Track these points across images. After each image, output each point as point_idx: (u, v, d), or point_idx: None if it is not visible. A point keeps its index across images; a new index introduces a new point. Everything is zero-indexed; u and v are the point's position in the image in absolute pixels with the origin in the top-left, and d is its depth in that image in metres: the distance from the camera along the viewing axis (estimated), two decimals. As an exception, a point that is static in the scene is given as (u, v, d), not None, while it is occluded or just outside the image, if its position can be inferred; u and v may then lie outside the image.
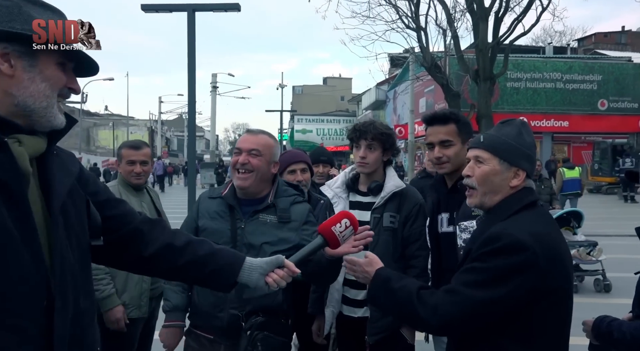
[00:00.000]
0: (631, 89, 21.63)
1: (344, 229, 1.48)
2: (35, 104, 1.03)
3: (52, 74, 1.05)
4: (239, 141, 2.00)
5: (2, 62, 1.00)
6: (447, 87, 12.32)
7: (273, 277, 1.36)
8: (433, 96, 21.88)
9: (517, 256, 1.30)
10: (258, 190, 1.93)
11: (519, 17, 11.81)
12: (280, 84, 34.68)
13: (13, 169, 0.97)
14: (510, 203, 1.43)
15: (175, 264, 1.33)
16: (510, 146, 1.45)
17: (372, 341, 2.12)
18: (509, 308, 1.32)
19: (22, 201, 0.98)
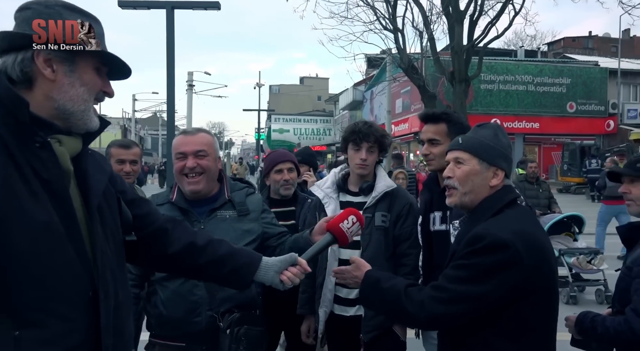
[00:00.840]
0: (598, 93, 22.43)
1: (351, 225, 1.55)
2: (74, 107, 1.07)
3: (90, 79, 1.10)
4: (179, 144, 1.89)
5: (45, 67, 1.04)
6: (424, 89, 12.51)
7: (287, 275, 1.43)
8: (409, 96, 22.16)
9: (501, 254, 1.34)
10: (209, 190, 1.91)
11: (493, 21, 12.10)
12: (258, 83, 34.48)
13: (56, 167, 1.02)
14: (491, 202, 1.48)
15: (197, 263, 1.39)
16: (488, 146, 1.51)
17: (366, 339, 2.15)
18: (494, 304, 1.36)
19: (65, 199, 1.03)
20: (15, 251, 0.93)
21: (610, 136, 22.10)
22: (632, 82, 23.84)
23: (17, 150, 0.97)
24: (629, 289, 1.61)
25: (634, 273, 1.61)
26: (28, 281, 0.95)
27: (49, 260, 0.97)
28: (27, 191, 0.96)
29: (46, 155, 1.01)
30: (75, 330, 1.00)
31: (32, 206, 0.96)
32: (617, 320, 1.60)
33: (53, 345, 0.96)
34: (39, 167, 1.00)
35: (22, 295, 0.94)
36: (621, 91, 22.55)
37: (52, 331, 0.96)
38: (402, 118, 23.33)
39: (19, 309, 0.94)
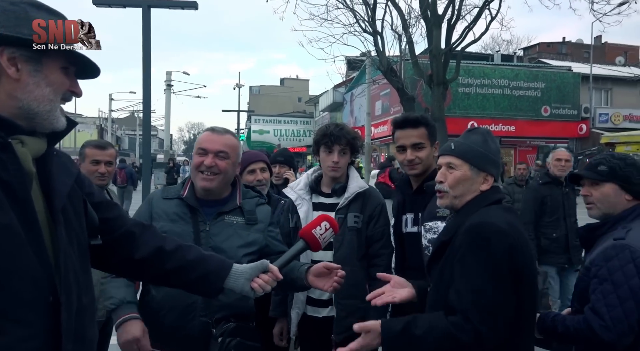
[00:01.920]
0: (571, 97, 23.02)
1: (324, 231, 1.56)
2: (39, 107, 1.05)
3: (56, 79, 1.07)
4: (204, 140, 1.86)
5: (9, 66, 1.01)
6: (403, 91, 12.64)
7: (258, 282, 1.42)
8: (389, 99, 22.34)
9: (504, 242, 1.39)
10: (221, 191, 1.88)
11: (470, 25, 12.30)
12: (238, 84, 34.28)
13: (16, 169, 0.99)
14: (479, 200, 1.54)
15: (165, 268, 1.36)
16: (479, 152, 1.57)
17: (338, 339, 2.16)
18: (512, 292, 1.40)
19: (26, 201, 1.00)
20: None
21: (583, 139, 22.71)
22: (603, 88, 24.56)
23: None
24: (587, 288, 1.64)
25: (591, 273, 1.64)
26: None
27: (7, 264, 0.94)
28: None
29: (6, 156, 0.98)
30: (34, 335, 0.98)
31: None
32: (577, 319, 1.63)
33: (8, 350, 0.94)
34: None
35: None
36: (593, 95, 23.20)
37: (10, 338, 0.94)
38: (381, 120, 23.50)
39: None
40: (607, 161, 1.78)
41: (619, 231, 1.67)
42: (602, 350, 1.58)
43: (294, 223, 2.32)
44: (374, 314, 2.18)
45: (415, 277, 2.05)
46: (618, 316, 1.52)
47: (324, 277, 1.67)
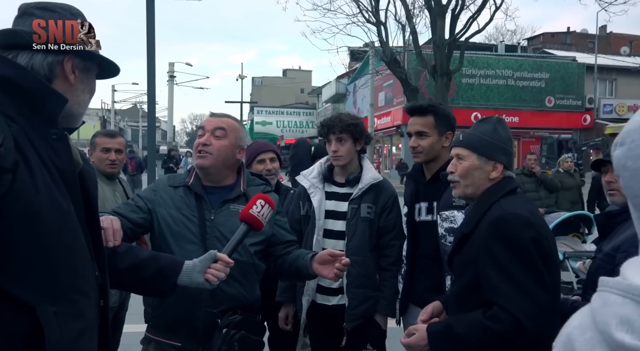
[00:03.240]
0: (575, 87, 22.90)
1: (260, 209, 1.55)
2: (78, 110, 1.17)
3: (93, 87, 1.20)
4: (203, 121, 1.87)
5: (71, 72, 1.13)
6: (406, 82, 12.61)
7: (211, 272, 1.44)
8: (392, 90, 22.27)
9: (531, 231, 1.41)
10: (221, 176, 1.82)
11: (474, 16, 12.24)
12: (240, 75, 34.21)
13: (70, 159, 1.10)
14: (494, 191, 1.57)
15: (118, 268, 1.40)
16: (487, 141, 1.60)
17: (349, 327, 2.19)
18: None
19: (76, 188, 1.11)
20: (49, 236, 1.01)
21: (587, 130, 22.62)
22: (608, 78, 24.41)
23: (37, 140, 1.03)
24: (609, 275, 1.64)
25: (617, 259, 1.61)
26: (61, 265, 1.04)
27: (72, 245, 1.07)
28: (53, 181, 1.03)
29: (62, 147, 1.08)
30: (92, 305, 1.12)
31: (57, 195, 1.03)
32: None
33: (81, 318, 1.07)
34: (55, 159, 1.06)
35: (57, 277, 1.03)
36: (597, 86, 23.07)
37: (79, 307, 1.07)
38: (384, 111, 23.45)
39: (54, 288, 1.03)
40: None
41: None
42: None
43: (305, 211, 2.34)
44: (383, 303, 2.22)
45: (427, 265, 2.09)
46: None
47: (328, 265, 1.66)
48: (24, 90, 1.04)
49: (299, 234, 2.35)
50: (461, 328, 1.42)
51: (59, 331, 0.99)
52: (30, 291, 0.98)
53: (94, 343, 1.12)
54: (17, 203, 0.94)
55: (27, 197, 0.96)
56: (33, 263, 0.99)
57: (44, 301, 0.99)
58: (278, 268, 1.83)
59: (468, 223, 1.59)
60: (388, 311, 2.22)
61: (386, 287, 2.22)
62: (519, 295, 1.35)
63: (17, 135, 0.99)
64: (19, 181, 0.94)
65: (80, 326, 1.06)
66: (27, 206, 0.95)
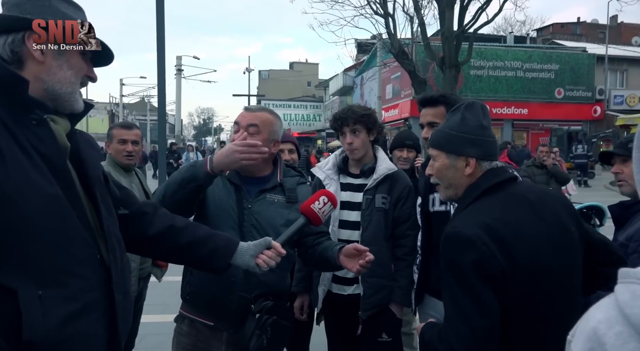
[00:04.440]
0: (585, 79, 22.62)
1: (322, 206, 1.58)
2: (62, 89, 1.13)
3: (76, 63, 1.15)
4: (238, 116, 1.88)
5: (35, 49, 1.08)
6: (414, 74, 12.51)
7: (263, 258, 1.45)
8: (400, 82, 22.14)
9: (472, 253, 1.26)
10: (257, 169, 1.86)
11: (483, 6, 12.07)
12: (247, 68, 34.14)
13: (54, 143, 1.08)
14: (469, 191, 1.43)
15: (177, 244, 1.41)
16: (451, 136, 1.45)
17: (365, 316, 2.22)
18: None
19: (65, 172, 1.10)
20: (30, 220, 1.00)
21: (597, 121, 22.38)
22: (618, 69, 24.08)
23: (15, 127, 1.02)
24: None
25: (630, 249, 1.64)
26: (46, 248, 1.03)
27: (60, 227, 1.05)
28: (32, 166, 1.02)
29: (43, 132, 1.07)
30: (91, 287, 1.10)
31: (40, 180, 1.02)
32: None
33: (75, 301, 1.06)
34: (37, 144, 1.05)
35: (42, 260, 1.02)
36: (608, 77, 22.78)
37: (72, 289, 1.06)
38: (392, 104, 23.34)
39: (39, 272, 1.02)
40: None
41: None
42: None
43: None
44: (398, 292, 2.25)
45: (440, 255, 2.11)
46: None
47: (353, 258, 1.70)
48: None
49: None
50: (427, 337, 1.44)
51: (41, 315, 0.98)
52: (11, 275, 0.97)
53: (95, 327, 1.10)
54: None
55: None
56: (11, 247, 0.98)
57: (28, 285, 0.98)
58: (309, 257, 1.88)
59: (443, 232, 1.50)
60: (403, 300, 2.25)
61: (401, 276, 2.25)
62: (458, 320, 1.29)
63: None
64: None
65: (72, 309, 1.04)
66: (0, 191, 0.96)
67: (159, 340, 3.68)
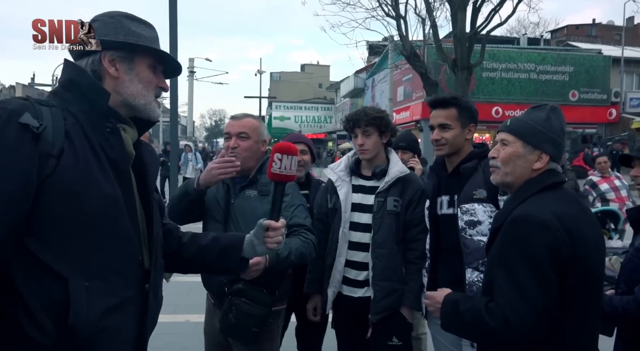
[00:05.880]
0: (600, 81, 22.31)
1: (279, 163, 1.44)
2: (135, 101, 1.26)
3: (145, 76, 1.28)
4: (227, 126, 2.19)
5: (109, 66, 1.23)
6: (426, 76, 12.45)
7: (268, 240, 1.44)
8: (411, 84, 22.06)
9: (546, 236, 1.32)
10: (249, 168, 2.11)
11: (496, 8, 11.98)
12: (259, 70, 34.34)
13: (122, 150, 1.21)
14: (532, 184, 1.48)
15: (183, 258, 1.48)
16: (536, 129, 1.50)
17: (375, 319, 2.21)
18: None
19: (127, 177, 1.22)
20: (89, 216, 1.10)
21: (612, 124, 22.05)
22: (635, 71, 23.70)
23: (91, 132, 1.15)
24: (637, 270, 1.63)
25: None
26: (98, 243, 1.12)
27: (113, 226, 1.15)
28: (99, 168, 1.14)
29: (114, 139, 1.19)
30: (129, 285, 1.19)
31: (103, 181, 1.13)
32: (625, 299, 1.61)
33: (114, 296, 1.15)
34: (108, 149, 1.17)
35: (93, 254, 1.12)
36: (624, 79, 22.44)
37: (113, 285, 1.15)
38: (403, 106, 23.26)
39: (89, 265, 1.11)
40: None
41: None
42: None
43: (332, 204, 2.36)
44: (409, 296, 2.23)
45: (449, 258, 2.08)
46: None
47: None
48: (82, 89, 1.19)
49: (326, 227, 2.37)
50: (464, 307, 1.45)
51: (86, 304, 1.08)
52: (66, 264, 1.07)
53: (128, 322, 1.18)
54: (59, 183, 1.07)
55: (68, 179, 1.08)
56: (70, 238, 1.08)
57: (78, 275, 1.08)
58: None
59: (497, 219, 1.55)
60: (414, 304, 2.23)
61: (412, 280, 2.23)
62: (517, 297, 1.32)
63: (71, 128, 1.13)
64: (63, 165, 1.08)
65: (110, 303, 1.13)
66: (68, 186, 1.08)
67: (169, 339, 3.70)
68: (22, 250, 1.05)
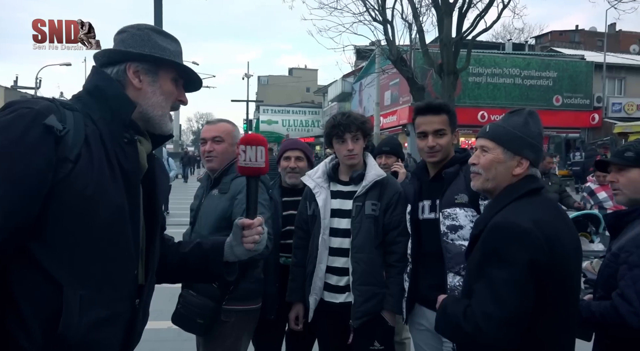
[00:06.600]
0: (583, 86, 22.69)
1: (244, 155, 1.34)
2: (154, 112, 1.27)
3: (168, 89, 1.29)
4: (202, 131, 2.33)
5: (134, 77, 1.24)
6: (412, 81, 12.55)
7: (246, 240, 1.39)
8: (398, 89, 22.20)
9: (525, 243, 1.33)
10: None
11: (482, 14, 12.12)
12: (247, 74, 34.22)
13: (136, 162, 1.21)
14: (512, 190, 1.49)
15: (167, 269, 1.43)
16: (515, 135, 1.51)
17: (356, 324, 2.19)
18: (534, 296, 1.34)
19: (137, 189, 1.21)
20: (96, 224, 1.09)
21: (595, 129, 22.42)
22: (617, 76, 24.16)
23: (109, 142, 1.16)
24: (614, 275, 1.64)
25: (620, 259, 1.63)
26: (99, 252, 1.11)
27: (115, 237, 1.14)
28: (112, 177, 1.13)
29: (130, 150, 1.20)
30: (120, 299, 1.17)
31: (113, 190, 1.13)
32: (603, 304, 1.63)
33: (105, 308, 1.13)
34: (122, 159, 1.17)
35: (91, 264, 1.10)
36: (606, 84, 22.85)
37: (106, 297, 1.13)
38: (390, 110, 23.38)
39: (86, 274, 1.10)
40: (634, 147, 1.79)
41: None
42: (628, 336, 1.58)
43: (311, 211, 2.35)
44: (390, 300, 2.23)
45: (431, 263, 2.09)
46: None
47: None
48: (108, 97, 1.20)
49: (306, 234, 2.36)
50: (450, 310, 1.49)
51: (78, 314, 1.06)
52: (64, 271, 1.06)
53: (115, 336, 1.16)
54: (71, 187, 1.07)
55: (82, 184, 1.08)
56: (73, 245, 1.07)
57: (74, 284, 1.07)
58: None
59: (477, 225, 1.55)
60: (395, 307, 2.22)
61: (393, 284, 2.22)
62: (492, 303, 1.33)
63: (90, 134, 1.13)
64: (78, 170, 1.08)
65: (101, 315, 1.11)
66: (80, 191, 1.07)
67: (151, 347, 3.64)
68: (24, 252, 1.04)
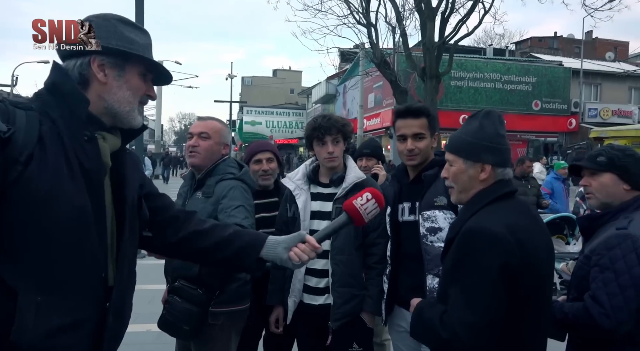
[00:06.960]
0: (561, 92, 23.21)
1: (365, 202, 1.45)
2: (120, 107, 1.22)
3: (135, 84, 1.25)
4: (192, 126, 2.27)
5: (98, 71, 1.19)
6: (396, 84, 12.64)
7: (296, 251, 1.40)
8: (382, 91, 22.35)
9: (497, 248, 1.35)
10: (205, 168, 2.23)
11: (464, 19, 12.30)
12: (230, 75, 33.99)
13: (97, 160, 1.16)
14: (483, 196, 1.51)
15: (202, 247, 1.42)
16: (469, 143, 1.53)
17: (335, 326, 2.19)
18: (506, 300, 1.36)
19: (99, 189, 1.16)
20: (54, 228, 1.05)
21: (572, 133, 22.94)
22: (593, 82, 24.78)
23: (68, 140, 1.11)
24: (586, 277, 1.67)
25: (592, 261, 1.66)
26: (58, 258, 1.06)
27: (77, 240, 1.09)
28: (70, 177, 1.08)
29: (91, 148, 1.15)
30: (86, 305, 1.12)
31: (72, 190, 1.08)
32: (575, 306, 1.66)
33: (67, 315, 1.08)
34: (83, 158, 1.12)
35: (50, 268, 1.05)
36: (583, 90, 23.42)
37: (68, 303, 1.08)
38: (374, 113, 23.52)
39: (44, 279, 1.04)
40: (607, 152, 1.81)
41: (621, 221, 1.69)
42: (599, 337, 1.61)
43: (292, 213, 2.34)
44: (369, 301, 2.23)
45: (410, 265, 2.10)
46: (618, 304, 1.54)
47: None
48: (64, 94, 1.15)
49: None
50: (426, 315, 1.49)
51: (33, 321, 1.01)
52: (18, 276, 1.01)
53: (80, 343, 1.11)
54: (23, 190, 1.02)
55: (34, 186, 1.03)
56: (29, 249, 1.03)
57: (30, 289, 1.02)
58: None
59: (452, 229, 1.57)
60: (374, 309, 2.22)
61: (372, 285, 2.23)
62: (467, 309, 1.34)
63: (45, 134, 1.08)
64: (30, 172, 1.03)
65: (63, 322, 1.06)
66: (33, 194, 1.03)
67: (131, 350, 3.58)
68: None
